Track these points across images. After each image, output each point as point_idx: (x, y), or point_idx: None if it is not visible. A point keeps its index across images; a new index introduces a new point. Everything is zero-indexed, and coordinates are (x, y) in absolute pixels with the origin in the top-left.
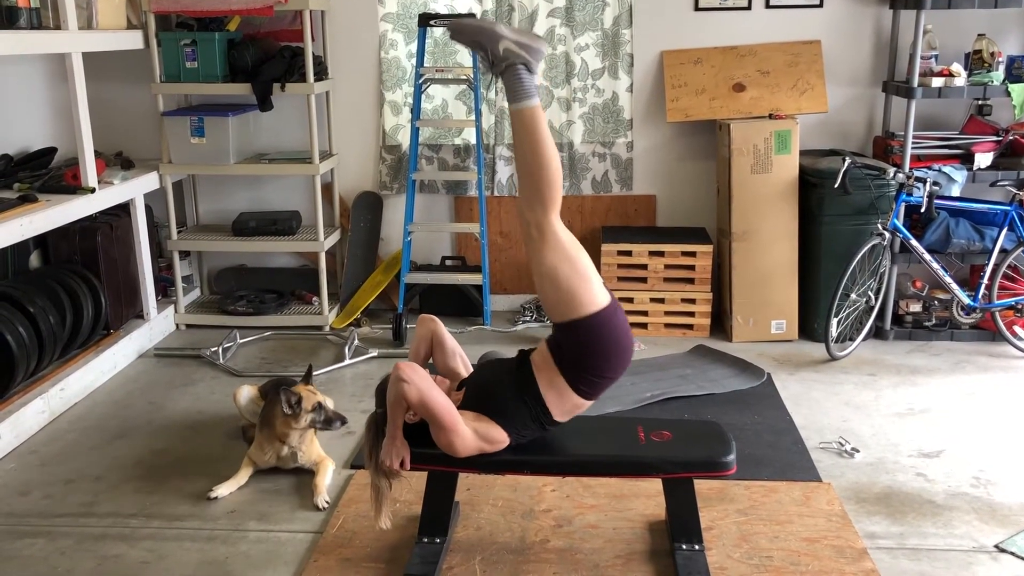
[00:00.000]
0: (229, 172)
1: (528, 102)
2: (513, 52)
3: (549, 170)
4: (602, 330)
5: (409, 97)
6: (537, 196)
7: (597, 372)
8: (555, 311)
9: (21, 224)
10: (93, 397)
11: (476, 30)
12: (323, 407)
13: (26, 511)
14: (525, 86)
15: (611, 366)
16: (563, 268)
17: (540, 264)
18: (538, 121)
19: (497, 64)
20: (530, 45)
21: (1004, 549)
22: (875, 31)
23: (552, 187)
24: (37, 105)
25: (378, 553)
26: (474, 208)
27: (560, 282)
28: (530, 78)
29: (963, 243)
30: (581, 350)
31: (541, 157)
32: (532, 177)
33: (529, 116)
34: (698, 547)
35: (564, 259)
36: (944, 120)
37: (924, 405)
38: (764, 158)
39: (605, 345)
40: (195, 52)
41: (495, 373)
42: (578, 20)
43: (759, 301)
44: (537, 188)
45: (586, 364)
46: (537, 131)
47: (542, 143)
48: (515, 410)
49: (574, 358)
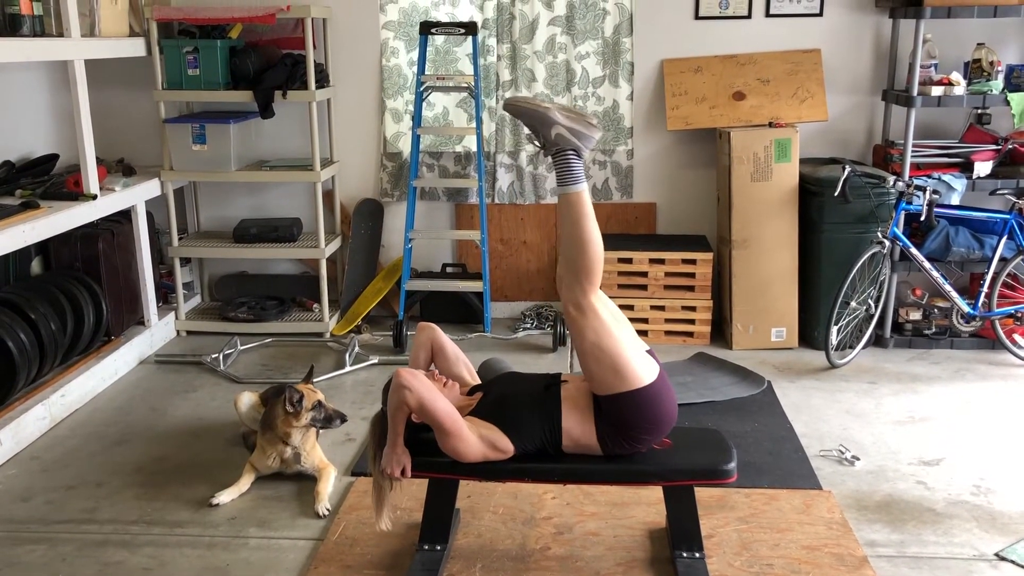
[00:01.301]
0: (230, 179)
1: (574, 187)
2: (564, 138)
3: (591, 254)
4: (647, 405)
5: (410, 104)
6: (576, 278)
7: (633, 440)
8: (599, 385)
9: (23, 230)
10: (94, 403)
11: (531, 113)
12: (323, 405)
13: (27, 517)
14: (573, 172)
15: (650, 438)
16: (605, 343)
17: (582, 341)
18: (583, 205)
19: (548, 148)
20: (582, 132)
21: (1004, 557)
22: (875, 40)
23: (593, 270)
24: (39, 112)
25: (379, 560)
26: (475, 215)
27: (604, 359)
28: (579, 163)
29: (963, 251)
30: (624, 420)
31: (584, 241)
32: (573, 259)
33: (575, 200)
34: (699, 555)
35: (606, 335)
36: (944, 129)
37: (924, 413)
38: (764, 166)
39: (648, 420)
40: (197, 59)
41: (518, 388)
42: (579, 29)
43: (759, 309)
44: (577, 270)
45: (626, 432)
46: (581, 215)
47: (586, 227)
48: (529, 429)
49: (615, 423)
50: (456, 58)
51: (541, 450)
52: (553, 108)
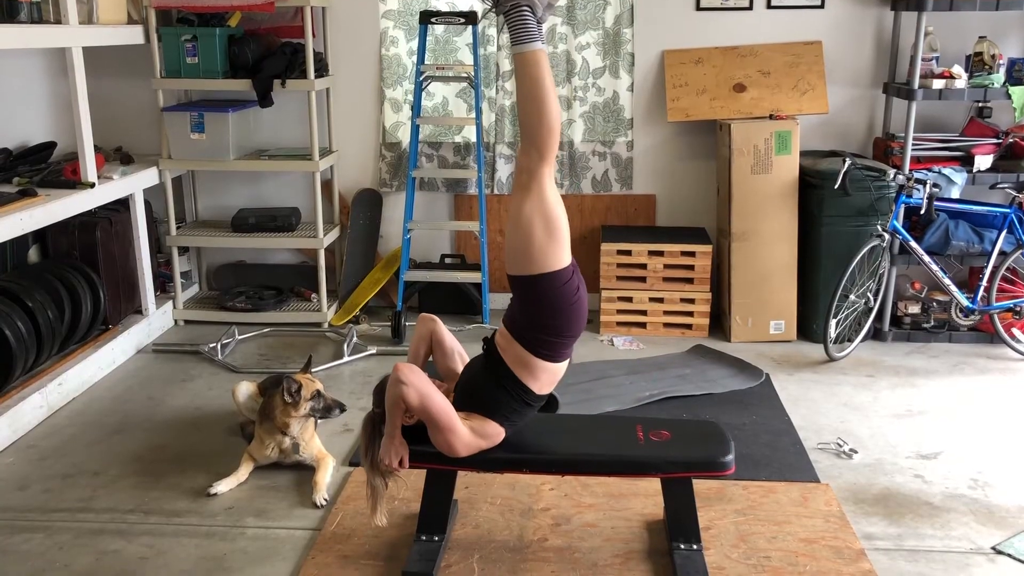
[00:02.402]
0: (229, 168)
1: (529, 46)
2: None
3: (547, 117)
4: (557, 288)
5: (409, 94)
6: (533, 142)
7: (553, 331)
8: (517, 262)
9: (20, 218)
10: (91, 392)
11: None
12: (322, 395)
13: (24, 506)
14: (528, 29)
15: (565, 324)
16: (538, 221)
17: (519, 211)
18: (539, 66)
19: (501, 4)
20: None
21: (1001, 551)
22: (876, 32)
23: (548, 134)
24: (37, 99)
25: (376, 550)
26: (474, 206)
27: (532, 233)
28: (533, 20)
29: (962, 245)
30: (535, 309)
31: (540, 103)
32: (529, 121)
33: (531, 60)
34: (696, 547)
35: (542, 212)
36: (944, 122)
37: (922, 407)
38: (764, 158)
39: (558, 304)
40: (196, 48)
41: (471, 369)
42: (579, 19)
43: (758, 301)
44: (533, 134)
45: (540, 323)
46: (537, 76)
47: (542, 89)
48: (497, 398)
49: (529, 320)
50: (456, 48)
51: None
52: None
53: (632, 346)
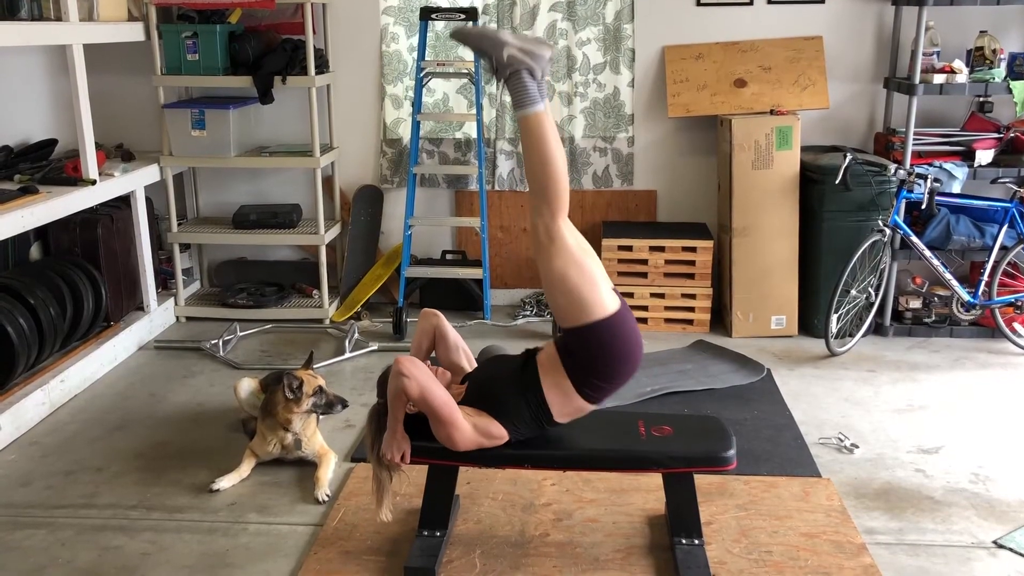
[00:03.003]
0: (230, 165)
1: (531, 108)
2: (516, 59)
3: (554, 175)
4: (611, 336)
5: (410, 91)
6: (544, 201)
7: (605, 377)
8: (564, 316)
9: (22, 216)
10: (93, 389)
11: (480, 36)
12: (324, 391)
13: (27, 502)
14: (529, 93)
15: (619, 372)
16: (571, 273)
17: (549, 269)
18: (543, 127)
19: (501, 71)
20: (534, 51)
21: (1002, 545)
22: (877, 27)
23: (558, 192)
24: (38, 97)
25: (378, 546)
26: (475, 202)
27: (569, 287)
28: (534, 84)
29: (963, 240)
30: (590, 356)
31: (546, 163)
32: (539, 182)
33: (534, 122)
34: (698, 542)
35: (572, 264)
36: (945, 117)
37: (923, 401)
38: (765, 154)
39: (614, 351)
40: (196, 44)
41: (499, 370)
42: (579, 15)
43: (759, 297)
44: (544, 193)
45: (594, 369)
46: (542, 137)
47: (547, 149)
48: (516, 408)
49: (583, 363)
50: (456, 44)
51: (536, 428)
52: (502, 30)
53: (642, 352)
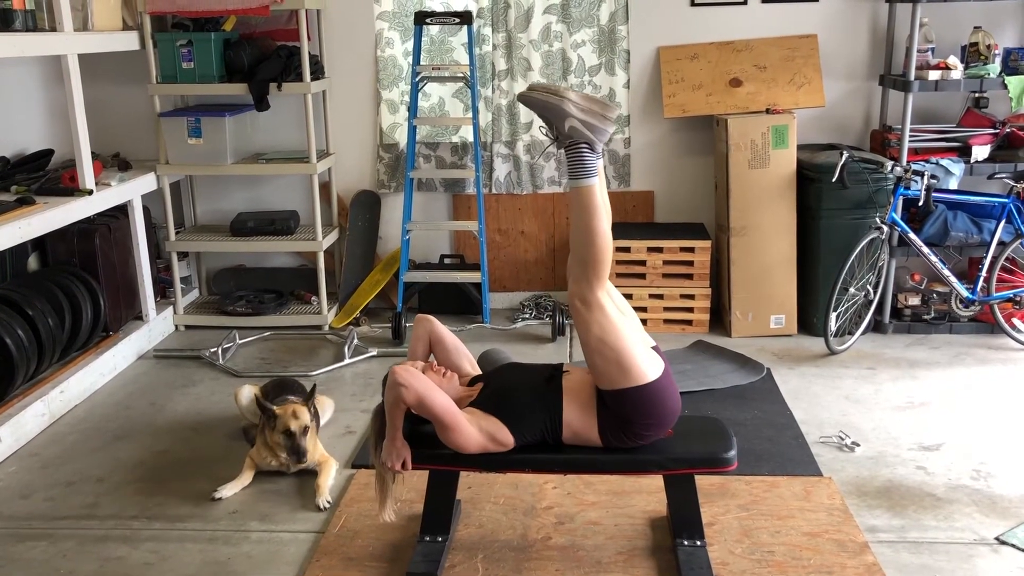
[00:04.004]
0: (226, 172)
1: (585, 182)
2: (578, 131)
3: (599, 248)
4: (651, 400)
5: (406, 95)
6: (584, 272)
7: (635, 436)
8: (604, 380)
9: (19, 227)
10: (93, 399)
11: (544, 105)
12: (293, 435)
13: (27, 514)
14: (585, 166)
15: (653, 433)
16: (611, 340)
17: (587, 336)
18: (592, 200)
19: (561, 141)
20: (596, 125)
21: (1005, 541)
22: (871, 25)
23: (600, 265)
24: (33, 107)
25: (380, 552)
26: (472, 206)
27: (608, 354)
28: (592, 157)
29: (961, 236)
30: (624, 416)
31: (592, 235)
32: (582, 252)
33: (586, 194)
34: (700, 543)
35: (611, 330)
36: (941, 113)
37: (924, 398)
38: (762, 153)
39: (653, 414)
40: (191, 52)
41: (519, 380)
42: (574, 17)
43: (758, 296)
44: (585, 264)
45: (628, 427)
46: (590, 209)
47: (594, 221)
48: (530, 421)
49: (617, 417)
50: (451, 48)
51: (541, 441)
52: (568, 100)
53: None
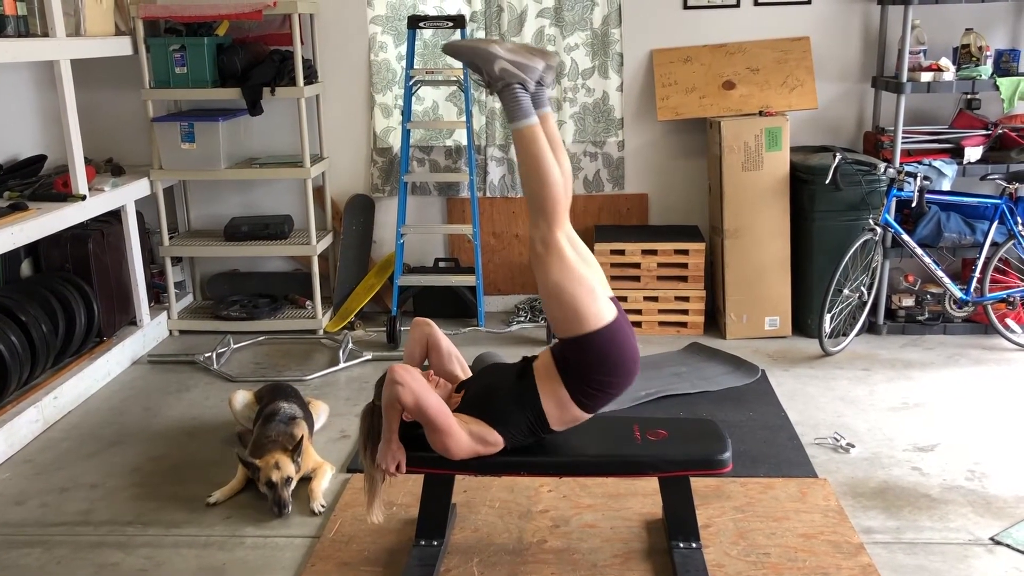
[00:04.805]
0: (220, 177)
1: (523, 122)
2: (508, 72)
3: (549, 188)
4: (607, 347)
5: (399, 99)
6: (540, 213)
7: (601, 386)
8: (560, 327)
9: (12, 232)
10: (87, 405)
11: (471, 50)
12: (275, 486)
13: (21, 520)
14: (521, 106)
15: (616, 381)
16: (567, 284)
17: (545, 280)
18: (535, 141)
19: (493, 84)
20: (525, 64)
21: (1000, 541)
22: (863, 27)
23: (554, 204)
24: (26, 113)
25: (376, 556)
26: (466, 209)
27: (565, 299)
28: (527, 97)
29: (954, 237)
30: (586, 365)
31: (541, 176)
32: (533, 194)
33: (527, 135)
34: (695, 545)
35: (569, 275)
36: (933, 115)
37: (918, 399)
38: (755, 155)
39: (610, 361)
40: (184, 57)
41: (496, 379)
42: (567, 20)
43: (752, 298)
44: (539, 205)
45: (590, 379)
46: (533, 151)
47: (540, 162)
48: (512, 416)
49: (578, 372)
50: None
51: (532, 436)
52: (494, 43)
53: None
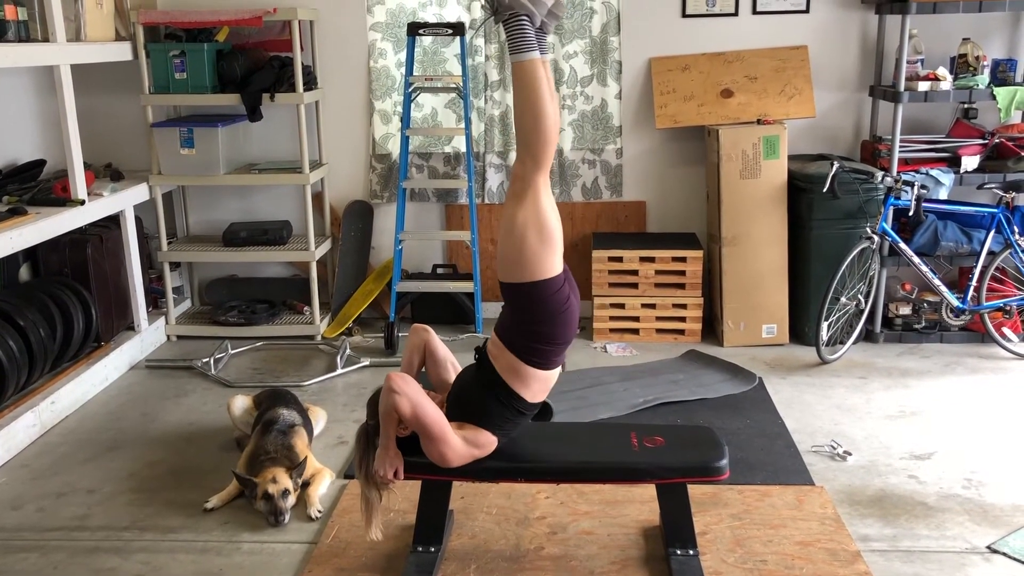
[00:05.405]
0: (219, 183)
1: (526, 55)
2: (518, 2)
3: (542, 127)
4: (549, 296)
5: (399, 106)
6: (528, 151)
7: (543, 339)
8: (509, 270)
9: (11, 237)
10: (84, 410)
11: None
12: (271, 498)
13: (18, 525)
14: (526, 38)
15: (557, 332)
16: (532, 229)
17: (513, 219)
18: (535, 76)
19: (500, 12)
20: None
21: (996, 550)
22: (861, 36)
23: (544, 145)
24: (26, 117)
25: (373, 563)
26: (465, 216)
27: (525, 241)
28: (532, 31)
29: (951, 246)
30: (526, 315)
31: (536, 113)
32: (527, 133)
33: (529, 69)
34: (692, 552)
35: (536, 220)
36: (931, 124)
37: (915, 407)
38: (753, 163)
39: (550, 310)
40: (184, 63)
41: (463, 378)
42: (566, 28)
43: (750, 305)
44: (529, 143)
45: (532, 331)
46: (534, 87)
47: (538, 98)
48: (489, 407)
49: (520, 329)
50: (444, 59)
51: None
52: None
53: (625, 352)
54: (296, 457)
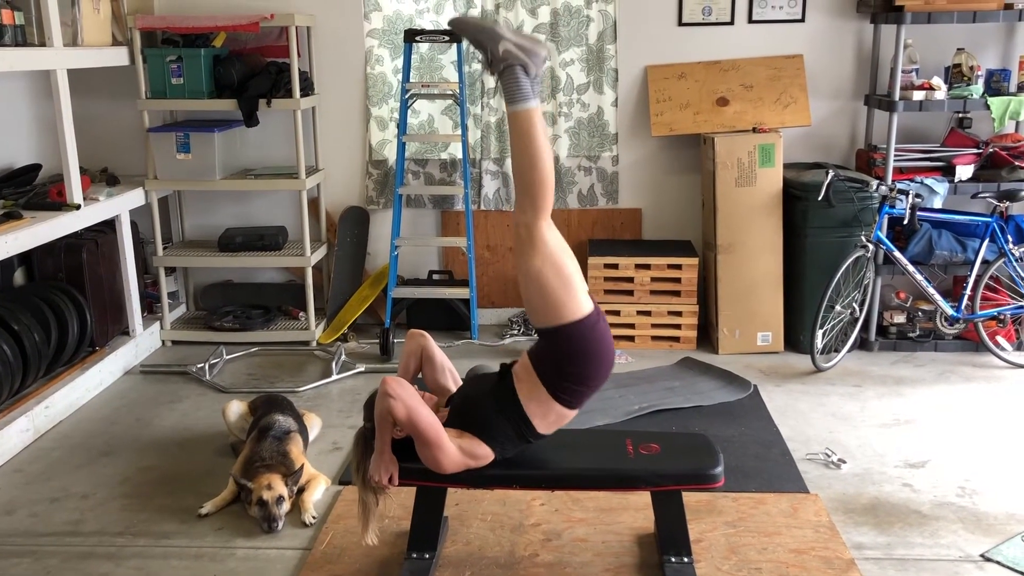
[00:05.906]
0: (215, 188)
1: (523, 105)
2: (512, 54)
3: (540, 173)
4: (584, 337)
5: (395, 112)
6: (528, 198)
7: (579, 380)
8: (538, 316)
9: (6, 241)
10: (79, 414)
11: (478, 28)
12: (266, 504)
13: (11, 530)
14: (522, 89)
15: (593, 374)
16: (548, 273)
17: (527, 268)
18: (532, 124)
19: (496, 64)
20: (530, 48)
21: (990, 558)
22: (857, 45)
23: (542, 190)
24: (22, 122)
25: (367, 569)
26: (461, 222)
27: (545, 287)
28: (527, 81)
29: (946, 254)
30: (562, 357)
31: (534, 161)
32: (524, 179)
33: (524, 119)
34: (687, 559)
35: (550, 264)
36: (925, 133)
37: (909, 415)
38: (748, 171)
39: (587, 352)
40: (181, 68)
41: (477, 389)
42: (563, 36)
43: (745, 313)
44: (528, 190)
45: (567, 372)
46: (530, 134)
47: (535, 146)
48: (497, 425)
49: (555, 366)
50: (441, 65)
51: (521, 442)
52: (500, 25)
53: (620, 360)
54: (292, 464)
